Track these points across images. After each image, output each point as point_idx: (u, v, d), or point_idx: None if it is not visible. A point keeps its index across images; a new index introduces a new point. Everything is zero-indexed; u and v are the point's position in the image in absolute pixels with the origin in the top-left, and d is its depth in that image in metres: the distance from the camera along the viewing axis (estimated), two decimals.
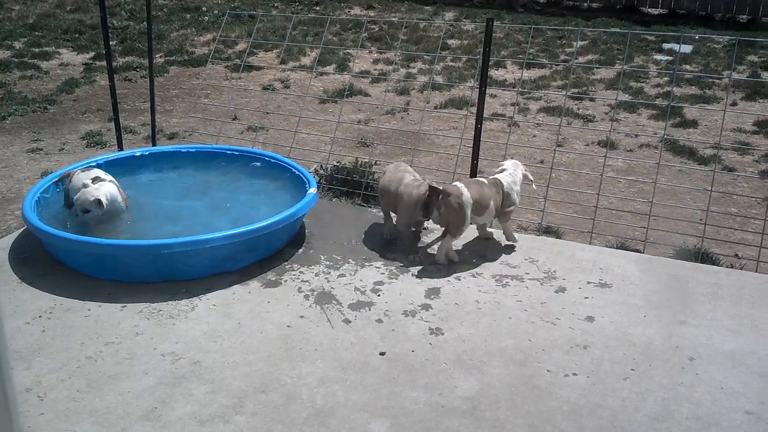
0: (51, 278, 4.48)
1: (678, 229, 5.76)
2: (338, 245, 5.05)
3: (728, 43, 13.03)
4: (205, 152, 6.17)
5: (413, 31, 14.00)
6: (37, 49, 11.91)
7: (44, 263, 4.66)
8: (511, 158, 5.39)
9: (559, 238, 5.57)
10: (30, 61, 11.19)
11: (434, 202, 4.75)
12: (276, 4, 17.03)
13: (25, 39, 12.64)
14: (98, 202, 4.91)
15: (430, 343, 3.91)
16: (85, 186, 5.00)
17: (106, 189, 5.00)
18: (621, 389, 3.55)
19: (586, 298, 4.42)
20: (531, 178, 5.20)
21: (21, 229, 5.12)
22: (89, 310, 4.15)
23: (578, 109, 9.55)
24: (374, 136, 8.07)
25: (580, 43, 13.34)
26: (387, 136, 8.32)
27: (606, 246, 5.42)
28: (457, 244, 5.08)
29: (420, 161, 7.22)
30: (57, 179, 5.35)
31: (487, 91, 5.84)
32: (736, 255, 5.55)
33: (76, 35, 13.03)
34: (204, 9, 15.80)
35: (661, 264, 4.95)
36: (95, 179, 5.07)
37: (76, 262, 4.58)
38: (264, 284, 4.51)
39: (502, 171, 5.10)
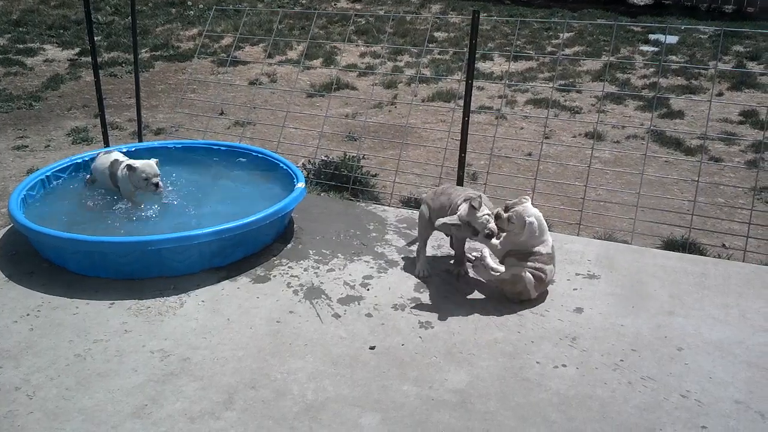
0: (38, 276, 4.46)
1: (665, 220, 5.79)
2: (327, 240, 5.05)
3: (714, 33, 13.08)
4: (191, 147, 6.15)
5: (400, 24, 13.99)
6: (21, 46, 11.83)
7: (31, 261, 4.63)
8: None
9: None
10: (14, 57, 11.12)
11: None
12: None
13: (9, 35, 12.55)
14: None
15: (420, 337, 3.91)
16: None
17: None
18: (610, 380, 3.57)
19: (574, 289, 4.43)
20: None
21: (7, 227, 5.09)
22: (77, 307, 4.13)
23: (565, 101, 9.57)
24: (362, 130, 8.07)
25: (566, 34, 13.36)
26: (375, 129, 8.31)
27: (594, 237, 5.44)
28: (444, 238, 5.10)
29: (408, 155, 7.22)
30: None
31: (475, 83, 5.84)
32: (723, 245, 5.59)
33: (61, 31, 12.94)
34: (189, 3, 15.72)
35: (648, 255, 4.96)
36: (115, 161, 5.34)
37: (63, 259, 4.56)
38: (253, 280, 4.50)
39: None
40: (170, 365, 3.62)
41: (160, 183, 5.25)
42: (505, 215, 4.27)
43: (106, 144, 6.73)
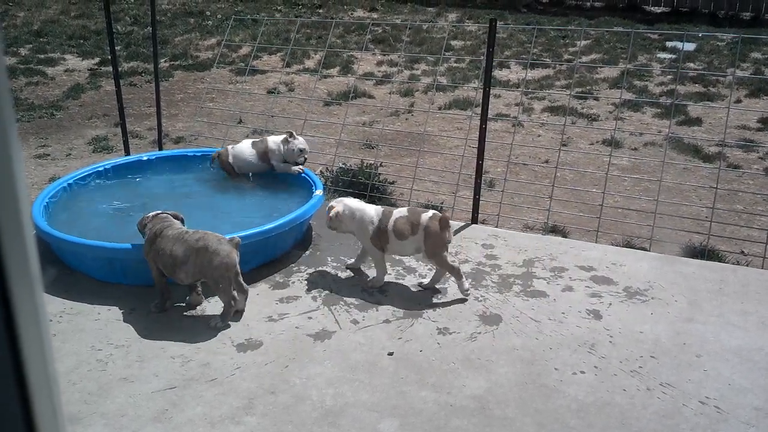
0: (60, 283, 4.51)
1: (684, 227, 5.76)
2: (345, 246, 5.07)
3: (732, 40, 13.02)
4: (211, 155, 6.20)
5: (416, 32, 14.03)
6: (42, 56, 11.97)
7: (54, 268, 4.69)
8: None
9: (565, 237, 5.58)
10: (36, 67, 11.26)
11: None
12: (279, 8, 17.08)
13: (31, 45, 12.71)
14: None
15: (438, 343, 3.93)
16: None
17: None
18: (629, 387, 3.56)
19: (592, 296, 4.43)
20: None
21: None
22: (99, 313, 4.18)
23: (582, 108, 9.55)
24: (379, 138, 8.10)
25: (583, 42, 13.35)
26: (392, 137, 8.34)
27: (612, 244, 5.43)
28: (469, 246, 5.11)
29: (425, 162, 7.24)
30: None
31: (491, 91, 5.86)
32: (742, 252, 5.56)
33: (81, 41, 13.09)
34: (208, 13, 15.86)
35: (667, 262, 4.95)
36: (253, 144, 5.97)
37: (85, 266, 4.61)
38: (272, 286, 4.53)
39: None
40: (190, 371, 3.66)
41: (300, 161, 5.84)
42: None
43: (127, 153, 6.80)
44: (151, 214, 4.33)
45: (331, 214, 4.58)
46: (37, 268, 0.81)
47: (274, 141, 5.86)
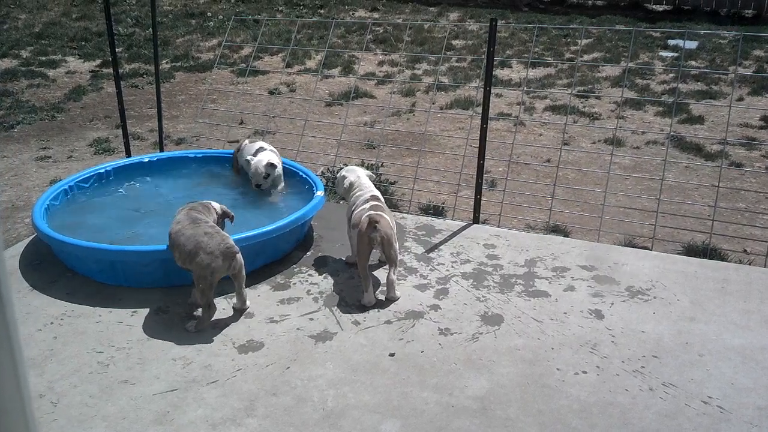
0: (62, 285, 4.51)
1: (686, 226, 5.75)
2: (346, 247, 5.06)
3: (734, 38, 13.00)
4: (212, 157, 6.21)
5: (418, 32, 14.02)
6: (43, 58, 11.98)
7: (55, 270, 4.69)
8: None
9: (567, 236, 5.57)
10: (37, 69, 11.26)
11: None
12: (280, 8, 17.07)
13: (32, 47, 12.71)
14: (271, 164, 5.54)
15: (440, 344, 3.92)
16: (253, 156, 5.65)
17: (271, 155, 5.67)
18: (631, 386, 3.55)
19: (594, 296, 4.42)
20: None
21: (31, 237, 5.15)
22: (100, 316, 4.18)
23: (584, 107, 9.54)
24: (380, 138, 8.09)
25: (585, 41, 13.32)
26: (393, 137, 8.33)
27: (614, 244, 5.42)
28: (471, 246, 5.11)
29: (426, 162, 7.23)
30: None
31: (493, 90, 5.85)
32: (745, 251, 5.54)
33: (83, 43, 13.09)
34: (209, 14, 15.86)
35: (669, 261, 4.94)
36: (259, 149, 5.69)
37: (86, 268, 4.61)
38: (273, 287, 4.53)
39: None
40: (192, 372, 3.65)
41: (262, 185, 5.62)
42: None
43: (128, 154, 6.79)
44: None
45: (339, 174, 5.00)
46: (7, 280, 0.77)
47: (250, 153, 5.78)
